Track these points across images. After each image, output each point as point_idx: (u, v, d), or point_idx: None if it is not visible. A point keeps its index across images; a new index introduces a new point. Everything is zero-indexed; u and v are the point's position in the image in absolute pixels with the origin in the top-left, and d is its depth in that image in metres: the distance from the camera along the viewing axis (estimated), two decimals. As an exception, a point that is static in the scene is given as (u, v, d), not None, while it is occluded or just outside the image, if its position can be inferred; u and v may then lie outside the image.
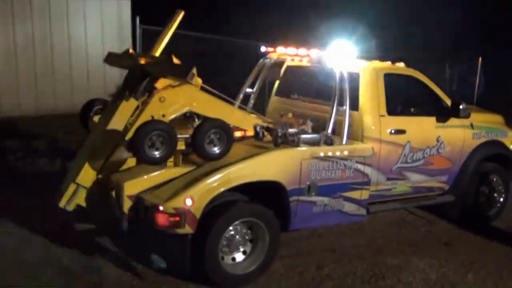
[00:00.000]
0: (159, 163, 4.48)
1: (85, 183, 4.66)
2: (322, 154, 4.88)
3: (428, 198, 6.08)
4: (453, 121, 5.93)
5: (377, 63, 5.74)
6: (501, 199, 6.48)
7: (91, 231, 5.53)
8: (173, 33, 5.25)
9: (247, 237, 4.65)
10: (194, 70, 4.20)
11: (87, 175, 4.66)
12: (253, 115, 5.52)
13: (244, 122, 5.23)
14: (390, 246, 5.68)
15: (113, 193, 4.57)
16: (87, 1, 9.29)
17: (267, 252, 4.68)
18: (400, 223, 6.42)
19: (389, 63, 5.86)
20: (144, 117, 4.77)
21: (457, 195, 6.17)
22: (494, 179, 6.41)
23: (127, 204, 4.44)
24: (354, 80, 5.37)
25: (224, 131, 4.62)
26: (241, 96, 6.29)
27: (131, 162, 4.89)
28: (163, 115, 4.87)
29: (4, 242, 5.22)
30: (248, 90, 6.34)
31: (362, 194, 5.22)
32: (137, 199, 4.43)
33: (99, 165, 4.71)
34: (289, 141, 4.84)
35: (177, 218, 4.19)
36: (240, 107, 5.73)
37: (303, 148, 4.83)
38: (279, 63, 6.22)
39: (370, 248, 5.59)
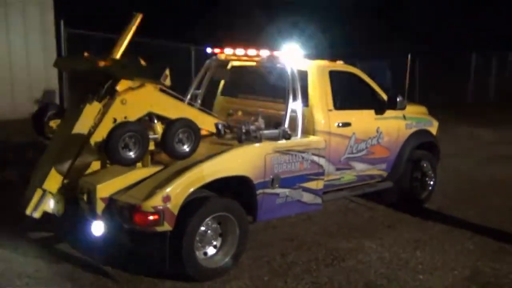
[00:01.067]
0: (133, 163, 4.56)
1: (52, 189, 4.61)
2: (283, 148, 5.17)
3: (371, 186, 6.56)
4: (389, 113, 6.44)
5: (322, 61, 6.12)
6: (431, 183, 7.12)
7: (51, 239, 5.46)
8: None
9: (217, 232, 4.82)
10: (167, 71, 4.32)
11: (53, 181, 4.61)
12: (211, 115, 5.71)
13: (205, 121, 5.39)
14: (342, 232, 6.08)
15: (84, 197, 4.56)
16: (9, 6, 8.95)
17: (237, 244, 4.88)
18: (345, 211, 6.85)
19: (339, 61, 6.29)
20: (107, 120, 4.81)
21: (395, 181, 6.71)
22: (425, 165, 7.03)
23: (100, 207, 4.47)
24: (303, 77, 5.70)
25: (192, 130, 4.77)
26: (188, 96, 6.42)
27: (96, 165, 4.91)
28: (125, 117, 4.92)
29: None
30: (196, 91, 6.49)
31: (318, 184, 5.57)
32: (110, 201, 4.47)
33: (65, 170, 4.67)
34: (252, 137, 5.08)
35: (156, 216, 4.28)
36: (199, 108, 5.86)
37: (266, 143, 5.09)
38: (225, 64, 6.44)
39: (324, 235, 5.95)
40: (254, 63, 6.09)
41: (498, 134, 13.13)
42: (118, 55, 5.08)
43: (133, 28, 5.11)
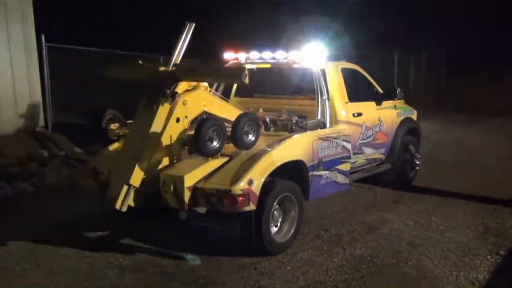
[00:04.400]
0: (216, 154, 5.13)
1: (137, 184, 5.06)
2: (324, 136, 5.95)
3: (376, 168, 7.49)
4: (385, 104, 7.42)
5: (334, 61, 6.97)
6: (418, 163, 8.18)
7: (112, 235, 5.87)
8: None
9: (279, 211, 5.49)
10: (246, 71, 4.96)
11: (138, 176, 5.06)
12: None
13: None
14: (360, 209, 6.93)
15: (171, 187, 5.05)
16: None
17: (296, 221, 5.58)
18: (350, 194, 7.69)
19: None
20: (173, 119, 5.36)
21: (391, 163, 7.69)
22: (412, 148, 8.08)
23: (187, 195, 4.99)
24: (323, 75, 6.50)
25: (256, 123, 5.42)
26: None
27: (166, 160, 5.42)
28: (186, 117, 5.50)
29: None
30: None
31: (346, 166, 6.39)
32: (195, 189, 5.01)
33: (146, 166, 5.14)
34: (298, 128, 5.81)
35: (244, 198, 4.89)
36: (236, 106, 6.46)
37: (312, 132, 5.84)
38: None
39: (347, 213, 6.77)
40: (268, 66, 6.80)
41: (429, 123, 14.54)
42: (178, 61, 5.60)
43: (188, 36, 5.66)
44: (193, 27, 5.68)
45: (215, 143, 5.10)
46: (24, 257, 5.30)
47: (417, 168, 8.20)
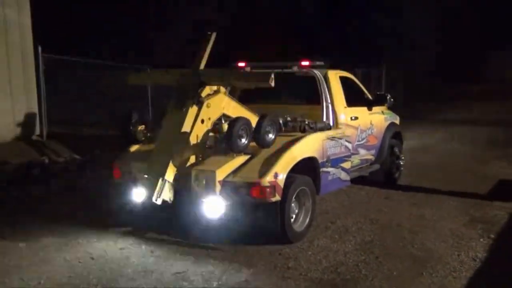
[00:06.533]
0: (244, 150, 5.67)
1: (170, 178, 5.54)
2: (331, 136, 6.58)
3: (368, 168, 8.17)
4: (375, 109, 8.14)
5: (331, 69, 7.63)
6: (402, 164, 8.94)
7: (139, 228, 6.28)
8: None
9: (295, 203, 6.05)
10: (272, 75, 5.54)
11: (171, 172, 5.54)
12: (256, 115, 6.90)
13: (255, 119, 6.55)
14: (356, 205, 7.56)
15: (203, 182, 5.54)
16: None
17: (310, 213, 6.16)
18: (343, 193, 8.29)
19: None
20: (198, 121, 5.88)
21: (380, 163, 8.40)
22: (397, 150, 8.82)
23: (218, 188, 5.50)
24: (326, 82, 7.15)
25: (276, 123, 6.00)
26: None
27: (192, 158, 5.91)
28: (209, 118, 6.03)
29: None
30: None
31: (348, 165, 7.04)
32: (224, 183, 5.53)
33: (178, 162, 5.63)
34: (309, 128, 6.43)
35: (271, 190, 5.44)
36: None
37: (321, 132, 6.47)
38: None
39: (346, 208, 7.38)
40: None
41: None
42: (202, 67, 6.12)
43: (210, 44, 6.20)
44: (214, 36, 6.23)
45: (243, 140, 5.65)
46: (59, 250, 5.65)
47: (401, 168, 8.94)
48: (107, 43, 15.72)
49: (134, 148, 6.54)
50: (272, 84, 5.57)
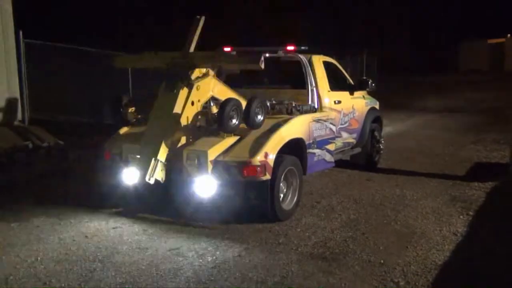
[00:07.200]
0: (234, 131, 5.82)
1: (163, 158, 5.65)
2: (317, 118, 6.77)
3: (350, 151, 8.40)
4: (356, 93, 8.37)
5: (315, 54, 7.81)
6: (382, 147, 9.20)
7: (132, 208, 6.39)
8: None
9: (283, 183, 6.23)
10: (262, 58, 5.69)
11: (164, 152, 5.65)
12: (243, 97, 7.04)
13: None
14: (340, 186, 7.79)
15: (195, 161, 5.68)
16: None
17: (298, 192, 6.36)
18: (326, 175, 8.53)
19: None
20: (189, 102, 5.99)
21: (361, 147, 8.64)
22: (377, 134, 9.07)
23: (209, 167, 5.65)
24: (310, 66, 7.33)
25: (264, 105, 6.15)
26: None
27: (183, 139, 6.03)
28: (199, 100, 6.15)
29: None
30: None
31: (332, 147, 7.24)
32: (215, 162, 5.67)
33: (169, 143, 5.74)
34: (296, 111, 6.61)
35: (261, 168, 5.61)
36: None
37: (308, 114, 6.65)
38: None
39: (330, 189, 7.61)
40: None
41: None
42: (192, 50, 6.23)
43: (199, 28, 6.30)
44: (203, 19, 6.34)
45: (234, 121, 5.79)
46: (53, 230, 5.74)
47: (381, 152, 9.21)
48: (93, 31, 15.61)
49: (124, 129, 6.63)
50: (262, 66, 5.71)
